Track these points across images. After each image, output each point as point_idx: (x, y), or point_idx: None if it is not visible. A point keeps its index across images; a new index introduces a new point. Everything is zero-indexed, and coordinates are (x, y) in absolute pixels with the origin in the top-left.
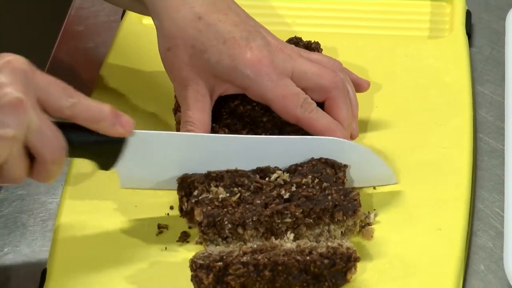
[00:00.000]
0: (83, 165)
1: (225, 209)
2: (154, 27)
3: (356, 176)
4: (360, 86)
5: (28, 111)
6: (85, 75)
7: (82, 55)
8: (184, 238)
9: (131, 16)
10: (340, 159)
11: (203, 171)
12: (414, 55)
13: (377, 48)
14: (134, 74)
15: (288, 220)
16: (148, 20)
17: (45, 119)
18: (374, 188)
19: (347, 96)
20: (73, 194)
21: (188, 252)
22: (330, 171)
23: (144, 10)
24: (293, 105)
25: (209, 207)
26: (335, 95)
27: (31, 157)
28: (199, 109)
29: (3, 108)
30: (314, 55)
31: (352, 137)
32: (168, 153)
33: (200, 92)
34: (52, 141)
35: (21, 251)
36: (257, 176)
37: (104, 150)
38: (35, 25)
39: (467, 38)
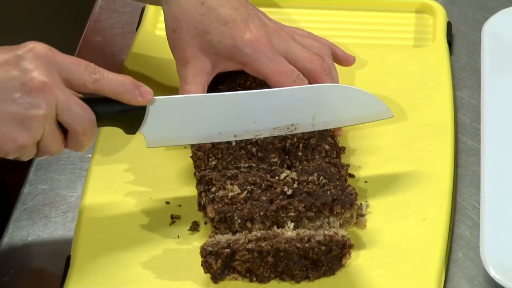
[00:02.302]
0: (102, 161)
1: (235, 206)
2: (166, 37)
3: (356, 115)
4: (347, 61)
5: (54, 91)
6: None
7: (100, 63)
8: (194, 227)
9: (146, 28)
10: (338, 102)
11: (219, 128)
12: (400, 62)
13: (367, 56)
14: (148, 80)
15: (292, 214)
16: (160, 31)
17: (71, 96)
18: (366, 182)
19: (334, 80)
20: (94, 189)
21: (198, 240)
22: (334, 169)
23: (153, 1)
24: (287, 80)
25: (220, 204)
26: (323, 79)
27: (65, 131)
28: (196, 83)
29: (31, 91)
30: (306, 40)
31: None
32: (186, 114)
33: (200, 68)
34: (80, 115)
35: (44, 240)
36: (268, 175)
37: (128, 117)
38: (57, 35)
39: (448, 47)
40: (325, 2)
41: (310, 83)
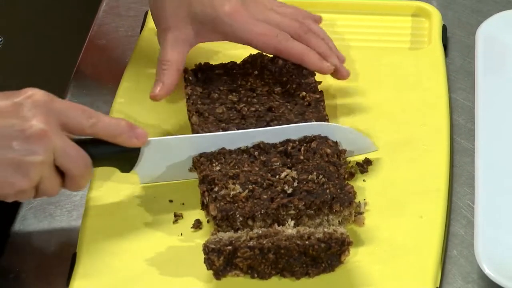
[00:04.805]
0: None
1: (236, 204)
2: None
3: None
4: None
5: (51, 138)
6: (107, 82)
7: (104, 65)
8: (197, 225)
9: (149, 31)
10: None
11: None
12: (397, 64)
13: (365, 58)
14: (151, 82)
15: (292, 212)
16: None
17: (68, 141)
18: (364, 180)
19: (316, 36)
20: (98, 188)
21: (201, 237)
22: (333, 168)
23: None
24: (270, 38)
25: (222, 203)
26: (305, 39)
27: (63, 173)
28: (176, 50)
29: (29, 138)
30: (282, 8)
31: (343, 77)
32: (178, 153)
33: (181, 37)
34: (76, 159)
35: (49, 239)
36: (269, 174)
37: (123, 158)
38: (61, 39)
39: (443, 50)
40: (322, 6)
41: None
